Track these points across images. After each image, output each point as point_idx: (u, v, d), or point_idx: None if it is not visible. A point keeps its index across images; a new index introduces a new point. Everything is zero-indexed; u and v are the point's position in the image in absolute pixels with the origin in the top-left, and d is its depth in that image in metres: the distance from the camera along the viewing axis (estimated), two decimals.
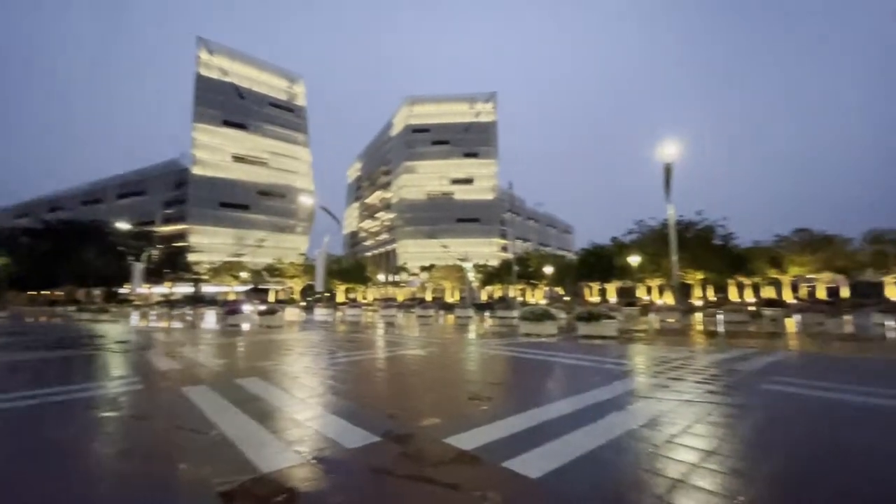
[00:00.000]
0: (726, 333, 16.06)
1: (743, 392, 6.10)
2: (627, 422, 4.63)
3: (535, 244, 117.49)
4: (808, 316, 20.98)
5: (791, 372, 7.84)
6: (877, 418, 4.90)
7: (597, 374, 7.61)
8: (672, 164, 22.25)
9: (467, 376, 7.96)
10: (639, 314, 26.25)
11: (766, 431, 4.35)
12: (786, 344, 12.64)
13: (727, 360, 9.20)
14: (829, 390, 6.14)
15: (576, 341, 13.72)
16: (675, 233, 23.87)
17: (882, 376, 7.63)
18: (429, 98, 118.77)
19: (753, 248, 51.41)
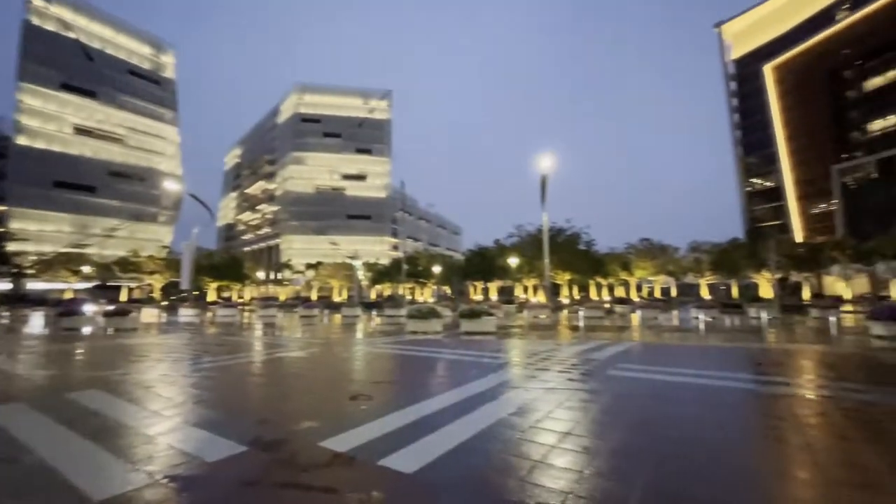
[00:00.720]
0: (586, 327, 18.27)
1: (595, 378, 7.01)
2: (499, 411, 4.99)
3: (426, 244, 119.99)
4: (646, 311, 24.93)
5: (632, 359, 9.24)
6: (695, 394, 6.03)
7: (475, 368, 8.05)
8: (547, 176, 24.61)
9: (350, 376, 7.79)
10: (516, 311, 28.45)
11: (610, 411, 5.05)
12: (630, 335, 14.86)
13: (585, 350, 10.48)
14: (660, 373, 7.38)
15: (459, 338, 14.35)
16: (547, 238, 26.39)
17: (698, 359, 9.41)
18: (321, 88, 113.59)
19: (609, 253, 59.46)
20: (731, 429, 4.54)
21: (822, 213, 69.75)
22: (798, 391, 6.20)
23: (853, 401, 5.54)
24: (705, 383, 6.66)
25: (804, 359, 9.27)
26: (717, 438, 4.15)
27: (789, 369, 8.10)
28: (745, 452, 3.84)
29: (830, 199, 67.91)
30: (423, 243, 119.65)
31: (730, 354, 10.19)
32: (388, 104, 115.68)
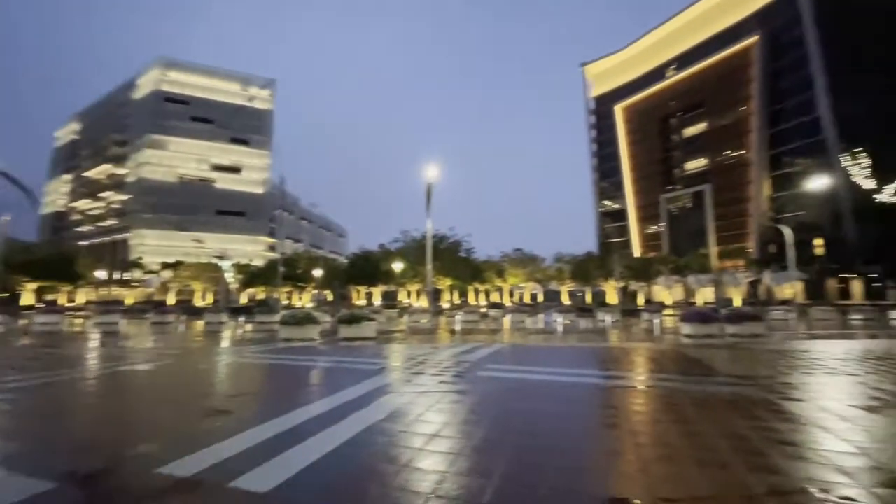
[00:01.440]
0: (462, 331, 19.18)
1: (466, 379, 7.37)
2: (370, 418, 4.93)
3: (308, 245, 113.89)
4: (516, 315, 27.14)
5: (500, 360, 9.95)
6: (550, 390, 6.71)
7: (350, 375, 7.86)
8: (432, 185, 25.35)
9: (206, 390, 6.98)
10: (398, 316, 28.58)
11: (476, 410, 5.35)
12: (501, 338, 16.01)
13: (459, 353, 10.98)
14: (523, 372, 8.07)
15: (337, 344, 13.88)
16: (431, 244, 27.12)
17: (555, 358, 10.52)
18: (191, 66, 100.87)
19: (487, 261, 63.54)
20: (578, 419, 5.16)
21: (653, 234, 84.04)
22: (628, 383, 7.32)
23: (665, 388, 6.74)
24: (559, 380, 7.48)
25: (635, 355, 11.00)
26: (566, 429, 4.68)
27: (623, 364, 9.54)
28: (588, 438, 4.40)
29: (659, 222, 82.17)
30: (305, 245, 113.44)
31: (580, 353, 11.61)
32: (270, 94, 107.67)
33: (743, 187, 70.49)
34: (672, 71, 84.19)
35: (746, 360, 9.70)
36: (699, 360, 9.79)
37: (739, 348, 11.99)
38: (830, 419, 4.94)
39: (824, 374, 7.83)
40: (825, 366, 8.84)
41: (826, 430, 4.50)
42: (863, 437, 4.28)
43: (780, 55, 67.34)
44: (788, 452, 3.86)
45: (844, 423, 4.75)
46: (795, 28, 64.42)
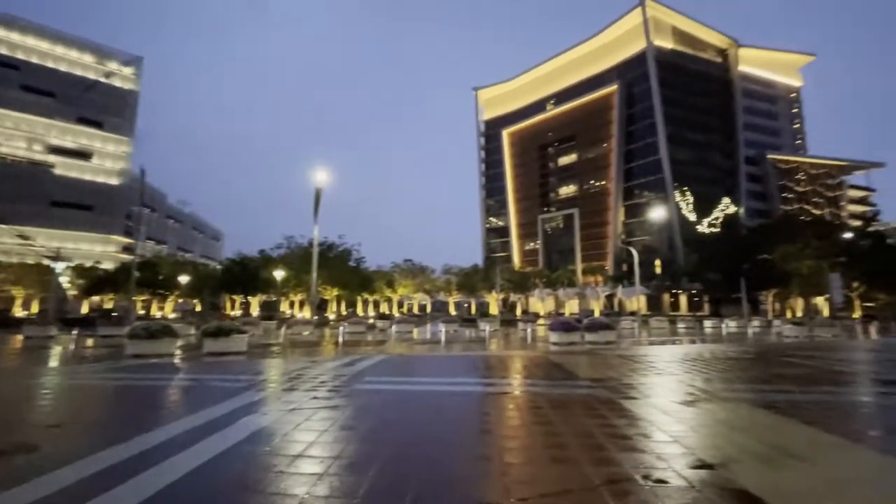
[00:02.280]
0: (346, 343, 18.58)
1: (342, 394, 7.10)
2: (228, 440, 4.44)
3: (174, 248, 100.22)
4: (403, 326, 27.25)
5: (382, 371, 9.83)
6: (429, 399, 6.78)
7: (210, 394, 7.04)
8: (321, 190, 24.34)
9: (11, 421, 5.62)
10: (276, 327, 26.61)
11: (348, 425, 5.17)
12: (385, 349, 15.87)
13: (338, 366, 10.58)
14: (404, 383, 8.07)
15: (200, 360, 12.37)
16: (317, 252, 25.92)
17: (437, 367, 10.73)
18: (26, 24, 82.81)
19: (378, 271, 62.92)
20: (451, 427, 5.28)
21: (532, 250, 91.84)
22: (499, 390, 7.77)
23: (531, 393, 7.31)
24: (437, 389, 7.63)
25: (509, 363, 11.78)
26: (438, 438, 4.75)
27: (498, 372, 10.13)
28: (458, 446, 4.52)
29: (537, 239, 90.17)
30: (171, 247, 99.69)
31: (460, 362, 12.05)
32: (135, 72, 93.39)
33: (604, 213, 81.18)
34: (551, 105, 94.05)
35: (599, 365, 11.03)
36: (561, 365, 10.85)
37: (595, 354, 13.60)
38: (656, 413, 5.83)
39: (655, 375, 9.26)
40: (656, 367, 10.46)
41: (652, 423, 5.29)
42: (678, 428, 5.12)
43: (633, 104, 79.75)
44: (622, 445, 4.44)
45: (666, 416, 5.64)
46: (644, 83, 77.01)
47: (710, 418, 5.66)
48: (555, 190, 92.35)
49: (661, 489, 3.32)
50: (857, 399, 7.26)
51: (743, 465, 3.88)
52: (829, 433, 4.95)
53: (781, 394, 7.39)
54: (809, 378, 9.11)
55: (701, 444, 4.47)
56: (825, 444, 4.60)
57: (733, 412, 6.02)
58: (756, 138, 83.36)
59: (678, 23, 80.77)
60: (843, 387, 8.27)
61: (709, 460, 3.97)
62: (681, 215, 70.08)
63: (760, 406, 6.37)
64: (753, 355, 13.78)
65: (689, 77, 79.09)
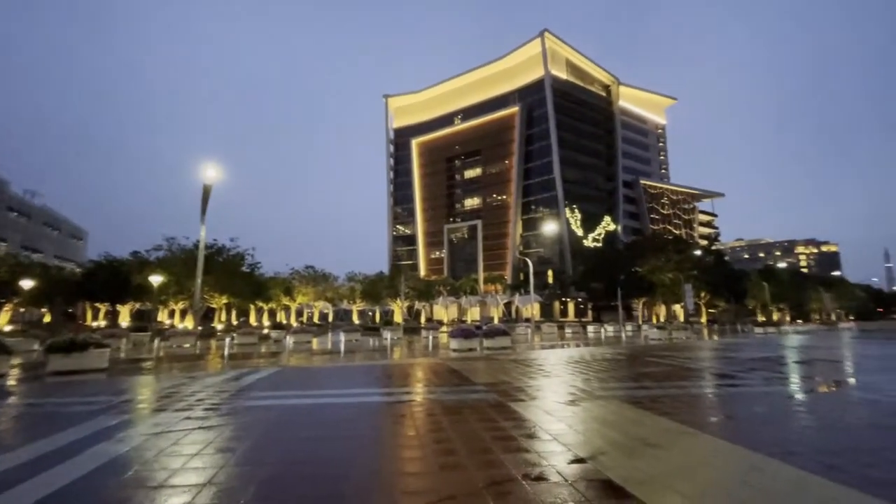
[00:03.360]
0: (234, 356, 17.00)
1: (222, 412, 6.44)
2: (71, 473, 3.73)
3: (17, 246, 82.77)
4: (301, 336, 25.80)
5: (273, 386, 9.14)
6: (322, 413, 6.43)
7: (52, 421, 5.89)
8: (210, 188, 22.14)
9: None
10: (150, 340, 23.44)
11: (227, 448, 4.68)
12: (279, 361, 14.83)
13: (222, 381, 9.61)
14: (296, 397, 7.57)
15: (43, 380, 10.35)
16: (204, 255, 23.45)
17: (335, 379, 10.27)
18: None
19: (274, 277, 58.86)
20: (342, 442, 5.06)
21: (437, 259, 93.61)
22: (396, 399, 7.70)
23: (427, 400, 7.36)
24: (333, 402, 7.30)
25: (409, 371, 11.76)
26: (327, 456, 4.51)
27: (397, 381, 10.05)
28: (349, 461, 4.33)
29: (442, 248, 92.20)
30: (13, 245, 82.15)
31: (360, 372, 11.73)
32: None
33: (504, 225, 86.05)
34: (458, 120, 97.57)
35: (493, 370, 11.53)
36: (459, 371, 11.13)
37: (491, 359, 14.21)
38: (540, 414, 6.23)
39: (543, 377, 9.94)
40: (544, 370, 11.25)
41: (536, 424, 5.64)
42: (558, 427, 5.52)
43: (532, 125, 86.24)
44: (508, 447, 4.65)
45: (549, 416, 6.06)
46: (542, 108, 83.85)
47: (586, 415, 6.22)
48: (461, 201, 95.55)
49: (539, 486, 3.53)
50: (701, 392, 8.54)
51: (609, 456, 4.31)
52: (679, 423, 5.74)
53: (644, 390, 8.41)
54: (666, 375, 10.51)
55: (577, 441, 4.87)
56: (676, 432, 5.32)
57: (605, 408, 6.68)
58: (631, 165, 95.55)
59: (571, 56, 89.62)
60: (692, 381, 9.68)
61: (582, 455, 4.33)
62: (570, 230, 77.10)
63: (627, 402, 7.17)
64: (625, 356, 15.53)
65: (579, 106, 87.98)
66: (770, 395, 8.00)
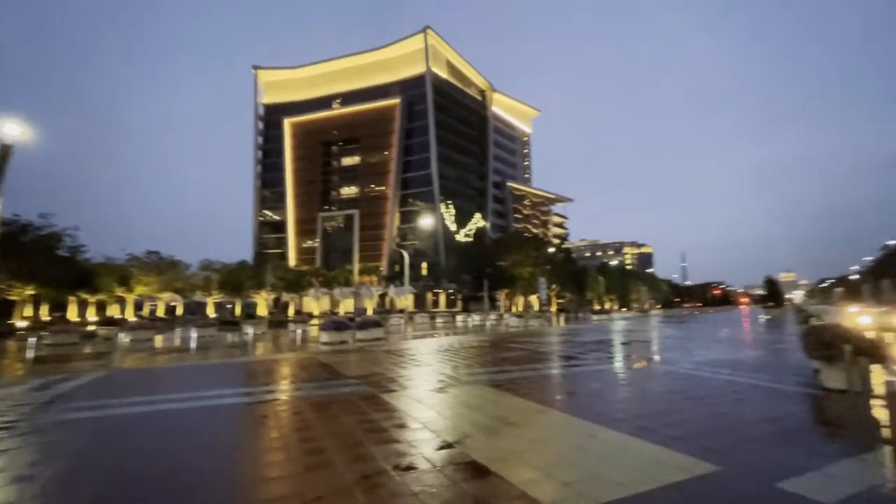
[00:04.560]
0: (42, 359, 13.75)
1: (21, 430, 5.15)
2: None
3: None
4: (140, 333, 22.09)
5: (94, 394, 7.62)
6: (162, 421, 5.54)
7: None
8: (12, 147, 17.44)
9: None
10: None
11: (25, 474, 3.74)
12: (107, 363, 12.45)
13: (20, 392, 7.69)
14: (125, 405, 6.41)
15: None
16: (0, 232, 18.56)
17: (178, 382, 8.98)
18: None
19: (105, 263, 49.17)
20: (184, 456, 4.45)
21: (310, 248, 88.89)
22: (257, 399, 7.09)
23: (293, 398, 6.93)
24: (178, 407, 6.39)
25: (273, 367, 10.93)
26: (169, 470, 3.92)
27: (258, 379, 9.25)
28: (195, 475, 3.81)
29: (316, 237, 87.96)
30: None
31: (214, 372, 10.50)
32: None
33: (382, 216, 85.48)
34: (337, 104, 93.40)
35: (366, 362, 11.40)
36: (329, 365, 10.75)
37: (364, 351, 14.02)
38: (411, 403, 6.36)
39: (414, 367, 10.17)
40: (416, 360, 11.53)
41: (407, 414, 5.74)
42: (428, 414, 5.69)
43: (413, 119, 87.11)
44: (379, 438, 4.63)
45: (419, 405, 6.22)
46: (422, 104, 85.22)
47: (454, 401, 6.54)
48: (337, 189, 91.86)
49: (409, 476, 3.59)
50: (551, 372, 9.66)
51: (475, 438, 4.59)
52: (534, 402, 6.40)
53: (504, 373, 9.19)
54: (523, 359, 11.65)
55: (445, 427, 5.08)
56: (531, 410, 5.92)
57: (471, 393, 7.12)
58: (500, 168, 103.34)
59: (452, 57, 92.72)
60: (544, 363, 10.90)
61: (450, 440, 4.54)
62: (444, 224, 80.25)
63: (491, 385, 7.75)
64: (489, 343, 16.79)
65: (457, 106, 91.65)
66: (602, 372, 9.43)
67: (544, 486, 3.34)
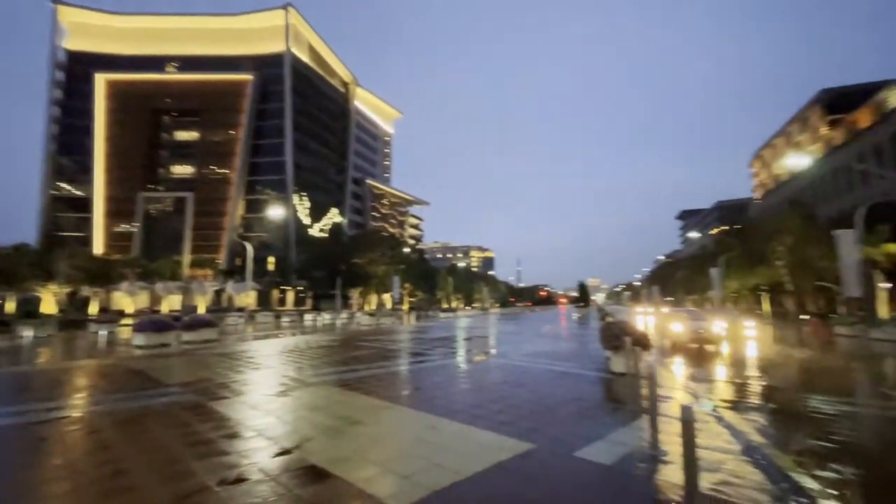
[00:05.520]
0: None
1: None
2: None
3: None
4: None
5: None
6: None
7: None
8: None
9: None
10: None
11: None
12: None
13: None
14: None
15: None
16: None
17: None
18: None
19: None
20: None
21: (125, 233, 73.81)
22: (41, 417, 5.62)
23: (89, 414, 5.69)
24: None
25: (66, 377, 8.77)
26: None
27: (39, 392, 7.34)
28: None
29: (134, 220, 73.62)
30: None
31: None
32: None
33: (222, 203, 75.84)
34: (172, 67, 79.73)
35: (192, 366, 10.01)
36: (144, 371, 9.14)
37: (191, 355, 12.28)
38: (245, 410, 5.82)
39: (252, 371, 9.33)
40: (254, 362, 10.59)
41: (240, 422, 5.24)
42: (266, 421, 5.29)
43: (267, 100, 79.66)
44: (203, 452, 4.13)
45: (255, 411, 5.73)
46: (279, 85, 78.65)
47: (296, 404, 6.20)
48: (166, 166, 78.15)
49: (237, 490, 3.28)
50: (399, 369, 9.90)
51: (316, 441, 4.44)
52: (380, 399, 6.48)
53: (353, 372, 9.10)
54: (373, 357, 11.70)
55: (284, 432, 4.79)
56: (377, 408, 5.97)
57: (316, 394, 6.86)
58: (360, 164, 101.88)
59: (315, 42, 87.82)
60: (392, 360, 11.11)
61: (288, 445, 4.30)
62: (297, 217, 75.45)
63: (338, 385, 7.58)
64: (338, 342, 16.38)
65: (318, 94, 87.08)
66: (446, 366, 10.07)
67: (383, 482, 3.42)
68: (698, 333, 13.63)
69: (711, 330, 13.68)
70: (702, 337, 13.61)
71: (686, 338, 13.87)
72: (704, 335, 13.57)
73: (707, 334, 13.57)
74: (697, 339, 13.72)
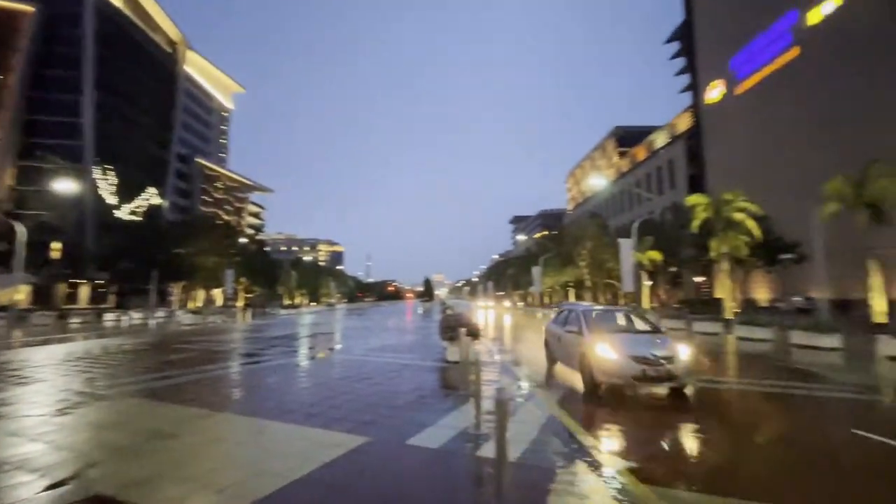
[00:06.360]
0: None
1: None
2: None
3: None
4: None
5: None
6: None
7: None
8: None
9: None
10: None
11: None
12: None
13: None
14: None
15: None
16: None
17: None
18: None
19: None
20: None
21: None
22: None
23: None
24: None
25: None
26: None
27: None
28: None
29: None
30: None
31: None
32: None
33: None
34: None
35: None
36: None
37: None
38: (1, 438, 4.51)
39: (16, 386, 7.27)
40: (21, 376, 8.27)
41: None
42: (32, 448, 4.18)
43: (57, 42, 62.45)
44: None
45: (16, 438, 4.49)
46: (76, 28, 62.50)
47: (81, 423, 5.06)
48: None
49: None
50: (226, 373, 8.90)
51: (105, 466, 3.69)
52: (200, 407, 5.71)
53: (166, 379, 7.84)
54: (193, 361, 10.27)
55: (58, 460, 3.86)
56: (195, 417, 5.25)
57: (111, 409, 5.70)
58: (189, 139, 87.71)
59: None
60: (218, 363, 9.93)
61: (65, 475, 3.47)
62: (99, 195, 61.24)
63: (144, 396, 6.43)
64: (150, 346, 13.91)
65: (134, 49, 71.71)
66: (283, 366, 9.45)
67: (194, 500, 3.04)
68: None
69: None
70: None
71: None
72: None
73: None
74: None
